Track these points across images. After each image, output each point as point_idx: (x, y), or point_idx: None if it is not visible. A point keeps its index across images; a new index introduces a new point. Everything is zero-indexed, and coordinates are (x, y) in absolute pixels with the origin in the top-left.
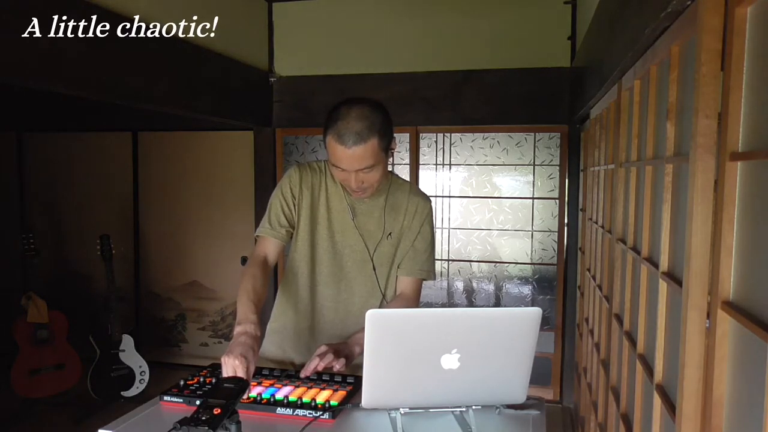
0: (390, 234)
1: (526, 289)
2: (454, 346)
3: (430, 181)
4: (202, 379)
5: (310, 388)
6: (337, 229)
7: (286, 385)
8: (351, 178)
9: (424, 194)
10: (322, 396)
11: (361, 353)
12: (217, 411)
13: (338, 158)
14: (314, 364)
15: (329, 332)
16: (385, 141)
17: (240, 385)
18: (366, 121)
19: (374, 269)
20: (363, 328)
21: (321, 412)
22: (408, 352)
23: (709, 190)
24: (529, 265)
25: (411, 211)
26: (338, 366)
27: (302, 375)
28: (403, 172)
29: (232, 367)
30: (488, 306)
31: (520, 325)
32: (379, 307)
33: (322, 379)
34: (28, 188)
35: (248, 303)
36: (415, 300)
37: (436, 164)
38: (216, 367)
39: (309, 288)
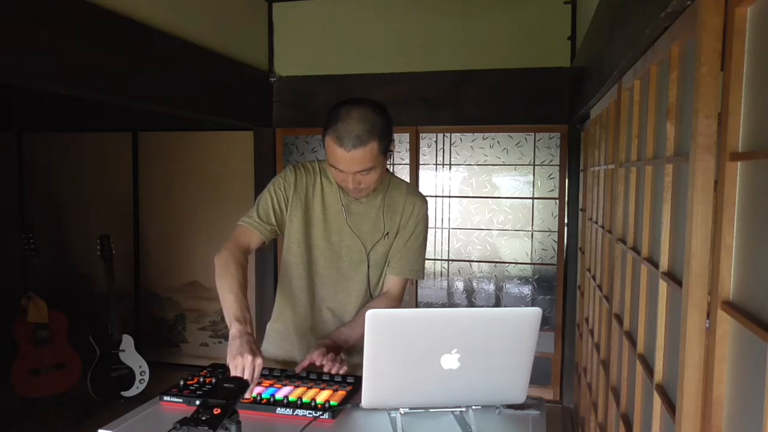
0: (387, 234)
1: (526, 289)
2: (454, 346)
3: (430, 181)
4: (202, 379)
5: (310, 388)
6: (333, 230)
7: (286, 385)
8: (348, 179)
9: (421, 194)
10: (322, 396)
11: (347, 349)
12: (217, 411)
13: (337, 159)
14: (318, 362)
15: (330, 332)
16: (385, 144)
17: (240, 385)
18: (367, 123)
19: (368, 269)
20: (345, 324)
21: (321, 412)
22: (408, 352)
23: (709, 190)
24: (529, 265)
25: (408, 210)
26: (344, 370)
27: (298, 370)
28: (403, 172)
29: (251, 365)
30: (488, 306)
31: (520, 325)
32: (365, 304)
33: (322, 379)
34: (28, 188)
35: (242, 299)
36: (400, 299)
37: (436, 164)
38: (216, 367)
39: (306, 290)
